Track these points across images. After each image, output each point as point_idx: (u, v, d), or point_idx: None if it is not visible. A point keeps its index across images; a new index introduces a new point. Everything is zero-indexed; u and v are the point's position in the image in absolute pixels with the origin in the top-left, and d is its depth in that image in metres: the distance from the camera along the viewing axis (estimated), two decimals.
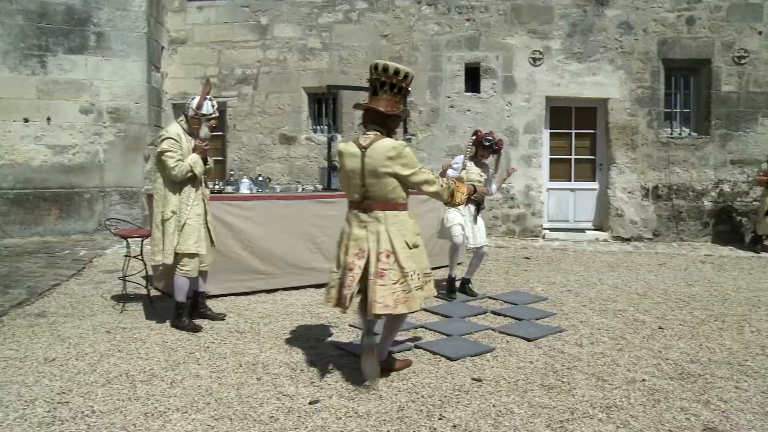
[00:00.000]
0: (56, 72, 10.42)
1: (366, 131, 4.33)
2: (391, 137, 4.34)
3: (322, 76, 11.77)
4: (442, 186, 4.37)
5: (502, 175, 7.39)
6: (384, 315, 4.21)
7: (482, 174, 6.87)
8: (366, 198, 4.26)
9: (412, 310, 4.27)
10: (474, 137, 6.86)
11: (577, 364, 4.74)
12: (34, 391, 4.09)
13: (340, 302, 4.26)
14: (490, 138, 6.83)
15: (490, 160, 7.00)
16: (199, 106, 5.54)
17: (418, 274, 4.23)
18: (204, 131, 5.61)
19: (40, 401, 3.92)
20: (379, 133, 4.27)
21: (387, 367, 4.47)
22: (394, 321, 4.41)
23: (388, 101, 4.27)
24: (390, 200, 4.23)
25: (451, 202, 4.49)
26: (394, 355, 4.68)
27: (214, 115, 5.65)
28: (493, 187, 7.11)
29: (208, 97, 5.61)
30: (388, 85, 4.26)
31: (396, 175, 4.17)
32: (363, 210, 4.27)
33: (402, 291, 4.15)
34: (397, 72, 4.25)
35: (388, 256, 4.17)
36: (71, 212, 10.59)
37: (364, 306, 4.29)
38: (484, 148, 6.82)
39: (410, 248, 4.23)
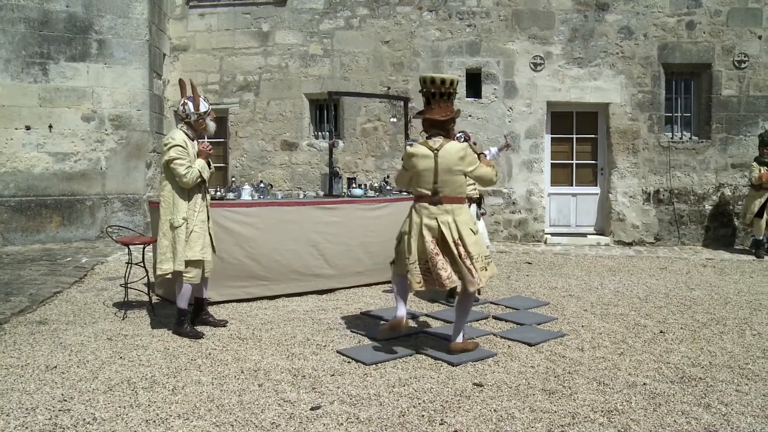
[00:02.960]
0: (58, 79, 10.45)
1: (430, 136, 5.01)
2: (450, 137, 5.10)
3: (323, 82, 11.78)
4: (497, 174, 5.13)
5: (500, 144, 8.21)
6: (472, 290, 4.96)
7: None
8: (436, 193, 4.89)
9: (481, 285, 4.96)
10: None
11: (578, 369, 4.75)
12: (35, 398, 4.10)
13: (435, 283, 4.88)
14: (460, 134, 6.90)
15: None
16: (197, 107, 5.61)
17: (482, 257, 4.92)
18: (211, 126, 5.79)
19: (41, 409, 3.93)
20: (443, 137, 4.97)
21: (463, 347, 5.00)
22: (464, 303, 5.06)
23: (441, 108, 4.99)
24: (457, 194, 4.95)
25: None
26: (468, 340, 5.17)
27: (211, 109, 5.80)
28: (493, 150, 7.65)
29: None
30: (438, 94, 4.97)
31: (464, 172, 4.93)
32: (433, 203, 4.92)
33: (474, 270, 4.85)
34: (443, 82, 4.97)
35: (461, 240, 4.85)
36: (73, 219, 10.61)
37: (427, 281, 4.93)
38: None
39: (474, 234, 4.95)
